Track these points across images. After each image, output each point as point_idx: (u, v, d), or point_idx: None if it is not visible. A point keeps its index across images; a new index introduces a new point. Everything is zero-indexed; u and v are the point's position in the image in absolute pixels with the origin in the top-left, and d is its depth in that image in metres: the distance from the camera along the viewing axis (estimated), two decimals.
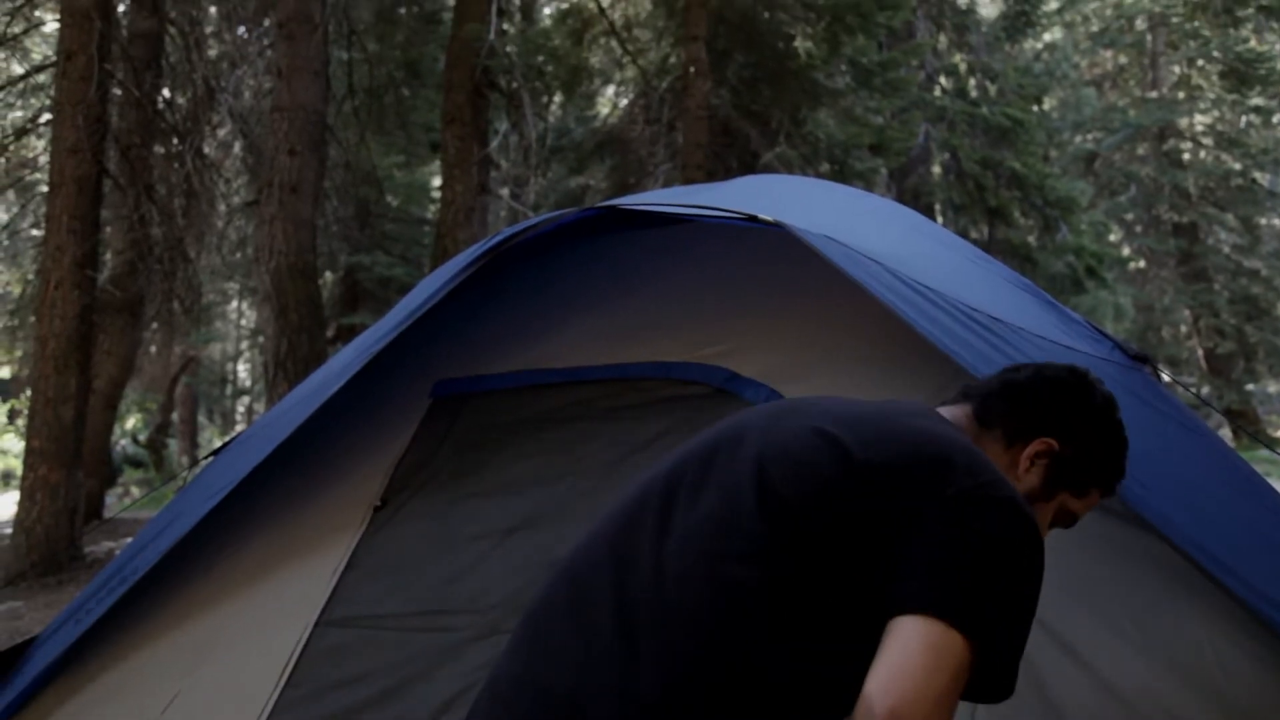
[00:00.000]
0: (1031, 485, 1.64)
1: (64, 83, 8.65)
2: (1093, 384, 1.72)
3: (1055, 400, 1.68)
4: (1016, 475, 1.63)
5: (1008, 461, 1.63)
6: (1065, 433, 1.65)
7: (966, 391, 1.76)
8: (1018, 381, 1.71)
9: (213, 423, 27.69)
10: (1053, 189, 14.88)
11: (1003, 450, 1.64)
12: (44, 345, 8.54)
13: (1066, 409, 1.67)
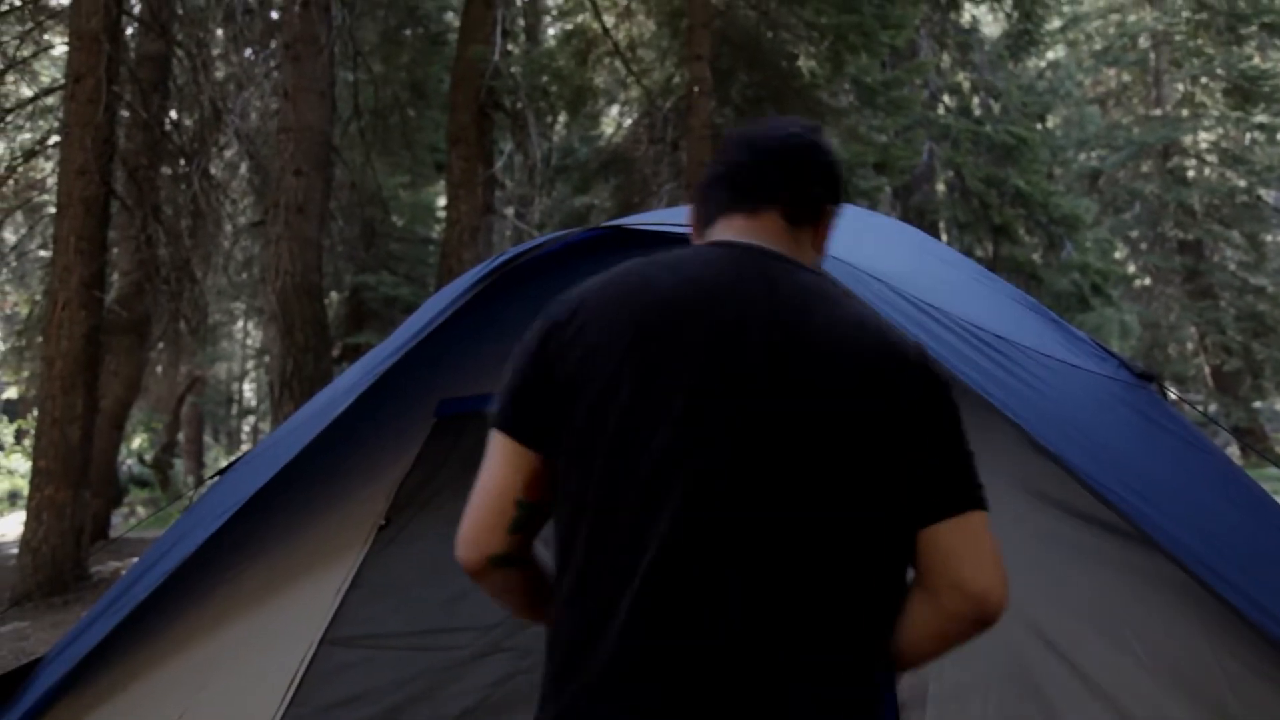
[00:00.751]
0: (820, 257, 1.61)
1: (72, 105, 8.71)
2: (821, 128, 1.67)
3: (834, 164, 1.60)
4: (819, 258, 1.60)
5: (816, 253, 1.59)
6: (838, 194, 1.61)
7: (748, 192, 1.55)
8: (802, 163, 1.57)
9: (218, 442, 27.72)
10: (1057, 207, 14.90)
11: (811, 242, 1.57)
12: (51, 365, 8.57)
13: (839, 169, 1.62)
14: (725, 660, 1.26)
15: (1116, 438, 2.11)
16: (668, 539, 1.28)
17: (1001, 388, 1.97)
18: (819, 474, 1.30)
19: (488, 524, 1.43)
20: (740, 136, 1.64)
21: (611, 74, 13.71)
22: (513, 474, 1.42)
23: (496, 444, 1.44)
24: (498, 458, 1.44)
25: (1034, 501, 2.47)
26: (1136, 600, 2.31)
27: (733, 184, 1.57)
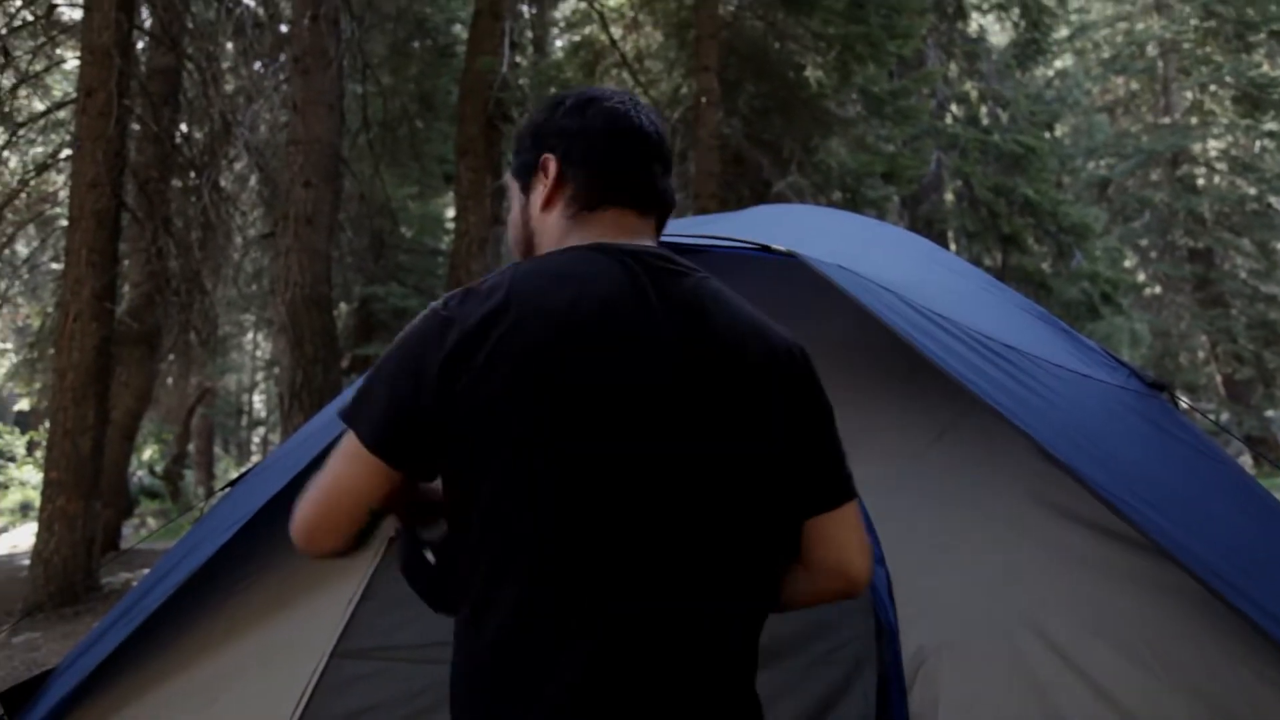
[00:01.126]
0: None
1: (84, 119, 8.76)
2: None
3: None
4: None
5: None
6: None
7: (644, 194, 1.51)
8: (668, 157, 1.57)
9: (228, 454, 27.78)
10: (1066, 215, 14.87)
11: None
12: (63, 377, 8.60)
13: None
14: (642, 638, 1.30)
15: (1128, 447, 2.10)
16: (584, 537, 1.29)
17: (1012, 398, 1.97)
18: (722, 476, 1.35)
19: (334, 526, 1.42)
20: (621, 124, 1.51)
21: (619, 85, 13.75)
22: (371, 487, 1.38)
23: (359, 454, 1.36)
24: (359, 467, 1.37)
25: (1045, 512, 2.46)
26: (1148, 610, 2.30)
27: (628, 181, 1.50)
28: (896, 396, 2.78)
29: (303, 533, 1.43)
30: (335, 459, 1.40)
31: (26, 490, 18.55)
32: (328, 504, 1.41)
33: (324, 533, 1.42)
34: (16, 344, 16.44)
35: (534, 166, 1.53)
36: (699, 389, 1.34)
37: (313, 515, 1.42)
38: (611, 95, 1.54)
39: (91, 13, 8.87)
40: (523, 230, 1.55)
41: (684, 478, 1.32)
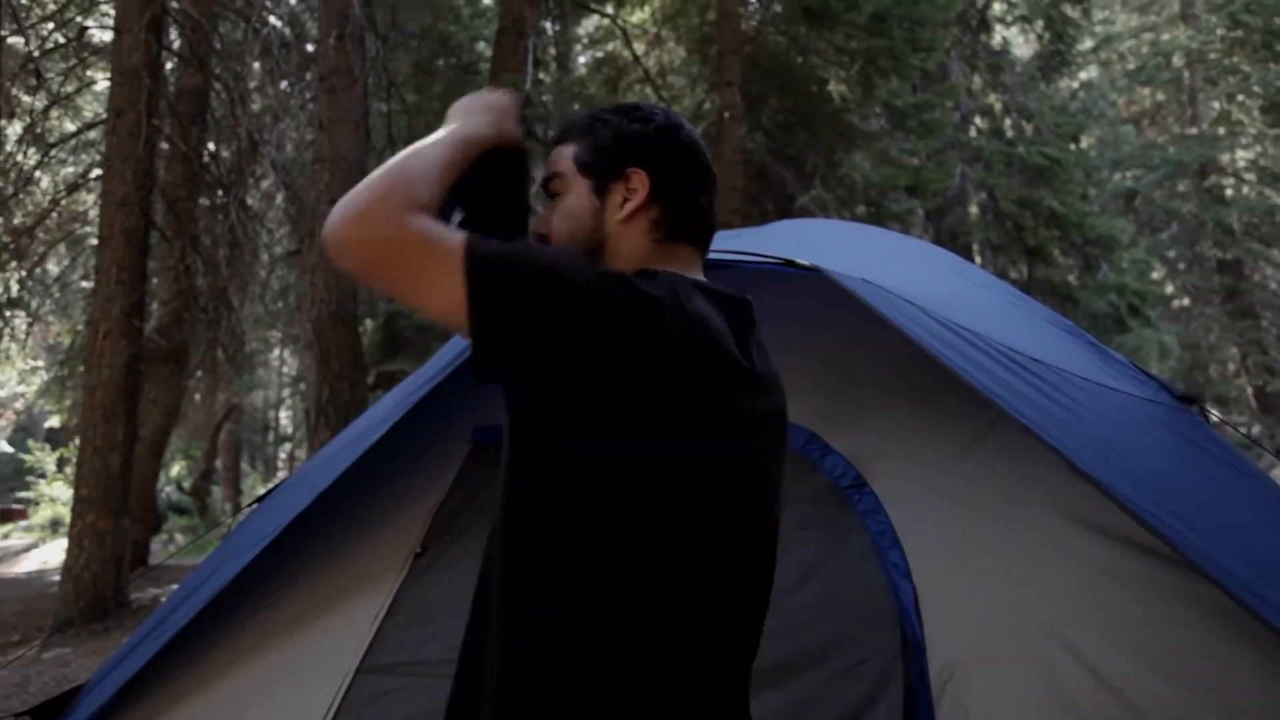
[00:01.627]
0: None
1: (114, 139, 8.86)
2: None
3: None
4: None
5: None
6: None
7: (686, 231, 1.53)
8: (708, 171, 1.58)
9: (255, 470, 27.96)
10: (1092, 227, 14.78)
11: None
12: (92, 394, 8.68)
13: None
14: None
15: (1157, 461, 2.09)
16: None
17: (1039, 411, 1.96)
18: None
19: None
20: (703, 161, 1.55)
21: (643, 100, 13.80)
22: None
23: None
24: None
25: (1074, 526, 2.45)
26: (1179, 625, 2.28)
27: (705, 221, 1.55)
28: (922, 410, 2.77)
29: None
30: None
31: (57, 506, 18.73)
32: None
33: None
34: (47, 361, 16.61)
35: (617, 174, 1.50)
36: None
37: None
38: (686, 123, 1.57)
39: (121, 35, 8.99)
40: (593, 232, 1.50)
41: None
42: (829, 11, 10.53)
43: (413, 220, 1.22)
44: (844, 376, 2.92)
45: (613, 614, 1.27)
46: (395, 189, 1.24)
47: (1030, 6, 16.67)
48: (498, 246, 1.25)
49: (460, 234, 1.25)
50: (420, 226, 1.22)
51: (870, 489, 2.80)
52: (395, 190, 1.24)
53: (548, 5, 12.70)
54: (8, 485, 23.43)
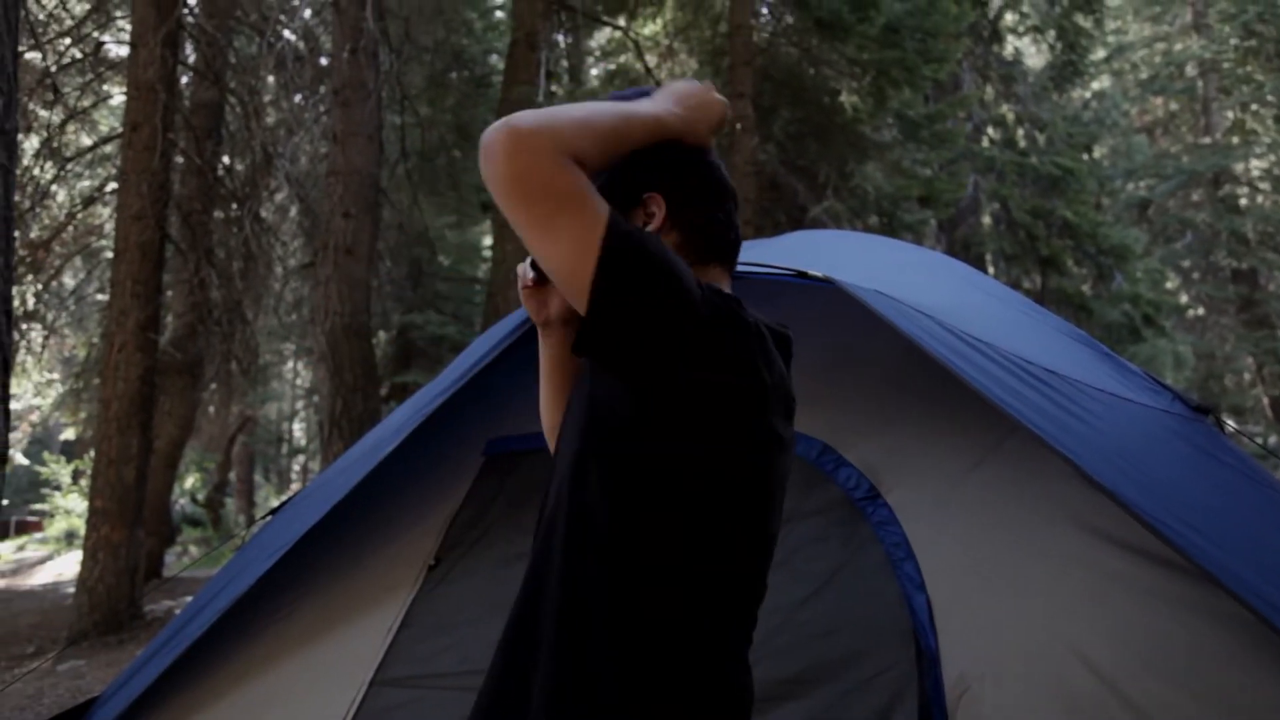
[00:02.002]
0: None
1: (129, 153, 8.93)
2: None
3: None
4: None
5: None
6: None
7: (711, 253, 1.54)
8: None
9: (269, 481, 28.04)
10: (1106, 237, 14.73)
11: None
12: (107, 407, 8.73)
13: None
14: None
15: (1172, 472, 2.07)
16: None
17: (1053, 423, 1.95)
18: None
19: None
20: (719, 175, 1.56)
21: None
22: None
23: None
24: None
25: (1089, 538, 2.43)
26: (1196, 637, 2.26)
27: (728, 240, 1.56)
28: (936, 422, 2.76)
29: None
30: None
31: (72, 519, 18.81)
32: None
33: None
34: (63, 374, 16.70)
35: (634, 200, 1.49)
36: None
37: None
38: (711, 156, 1.57)
39: (137, 49, 9.06)
40: None
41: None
42: (841, 23, 10.54)
43: (569, 167, 1.23)
44: (857, 388, 2.92)
45: (665, 616, 1.30)
46: (566, 130, 1.25)
47: (1042, 17, 16.66)
48: (634, 228, 1.27)
49: (605, 204, 1.26)
50: (575, 177, 1.23)
51: (884, 501, 2.79)
52: (565, 131, 1.25)
53: (560, 18, 12.75)
54: (23, 498, 23.55)
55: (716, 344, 1.28)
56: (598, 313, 1.22)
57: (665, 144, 1.49)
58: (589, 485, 1.33)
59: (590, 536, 1.31)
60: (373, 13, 10.22)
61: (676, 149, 1.50)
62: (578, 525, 1.33)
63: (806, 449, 2.92)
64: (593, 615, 1.29)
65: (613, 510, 1.30)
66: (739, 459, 1.33)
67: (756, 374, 1.33)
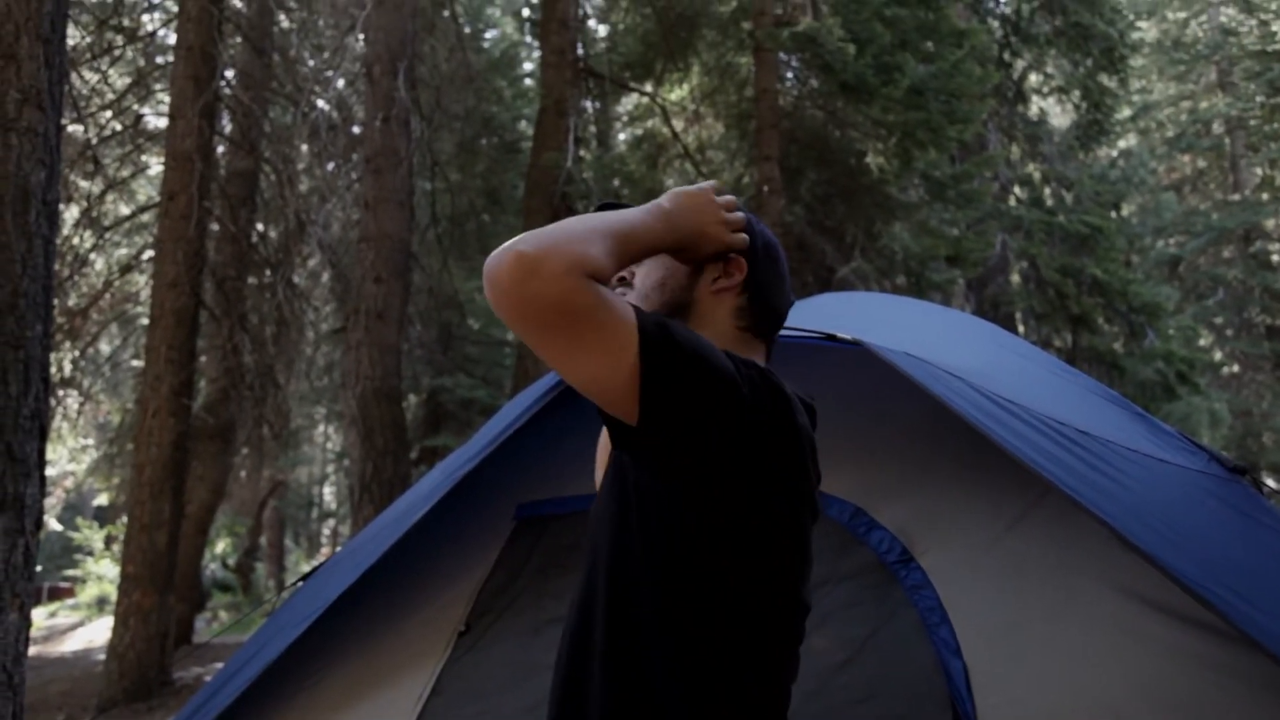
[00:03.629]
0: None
1: (166, 221, 9.10)
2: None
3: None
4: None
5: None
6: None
7: (768, 331, 1.61)
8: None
9: (299, 546, 28.04)
10: (1137, 295, 14.64)
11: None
12: (140, 472, 8.79)
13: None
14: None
15: (1210, 534, 2.04)
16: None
17: (1087, 484, 1.93)
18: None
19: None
20: (788, 276, 1.66)
21: (682, 175, 13.94)
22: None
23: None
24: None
25: (1127, 601, 2.40)
26: (1233, 700, 2.21)
27: (778, 328, 1.64)
28: (968, 484, 2.73)
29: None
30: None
31: (103, 584, 18.85)
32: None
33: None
34: (97, 440, 16.86)
35: (721, 256, 1.55)
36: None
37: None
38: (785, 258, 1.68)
39: (176, 121, 9.27)
40: (684, 290, 1.55)
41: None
42: (866, 86, 10.63)
43: (584, 282, 1.20)
44: (888, 450, 2.90)
45: (711, 681, 1.31)
46: (574, 246, 1.22)
47: (1066, 77, 16.73)
48: (659, 325, 1.25)
49: (628, 308, 1.25)
50: (592, 291, 1.20)
51: (917, 564, 2.76)
52: (574, 246, 1.22)
53: (588, 85, 12.94)
54: (56, 563, 23.65)
55: (758, 423, 1.29)
56: (648, 414, 1.22)
57: (764, 234, 1.61)
58: (631, 564, 1.36)
59: (633, 610, 1.34)
60: (405, 82, 10.42)
61: (770, 242, 1.62)
62: (620, 600, 1.36)
63: (839, 512, 2.90)
64: (639, 682, 1.31)
65: (656, 587, 1.32)
66: (779, 529, 1.35)
67: (796, 444, 1.35)
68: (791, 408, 1.36)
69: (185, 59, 9.41)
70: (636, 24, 13.70)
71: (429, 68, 13.14)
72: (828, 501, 2.94)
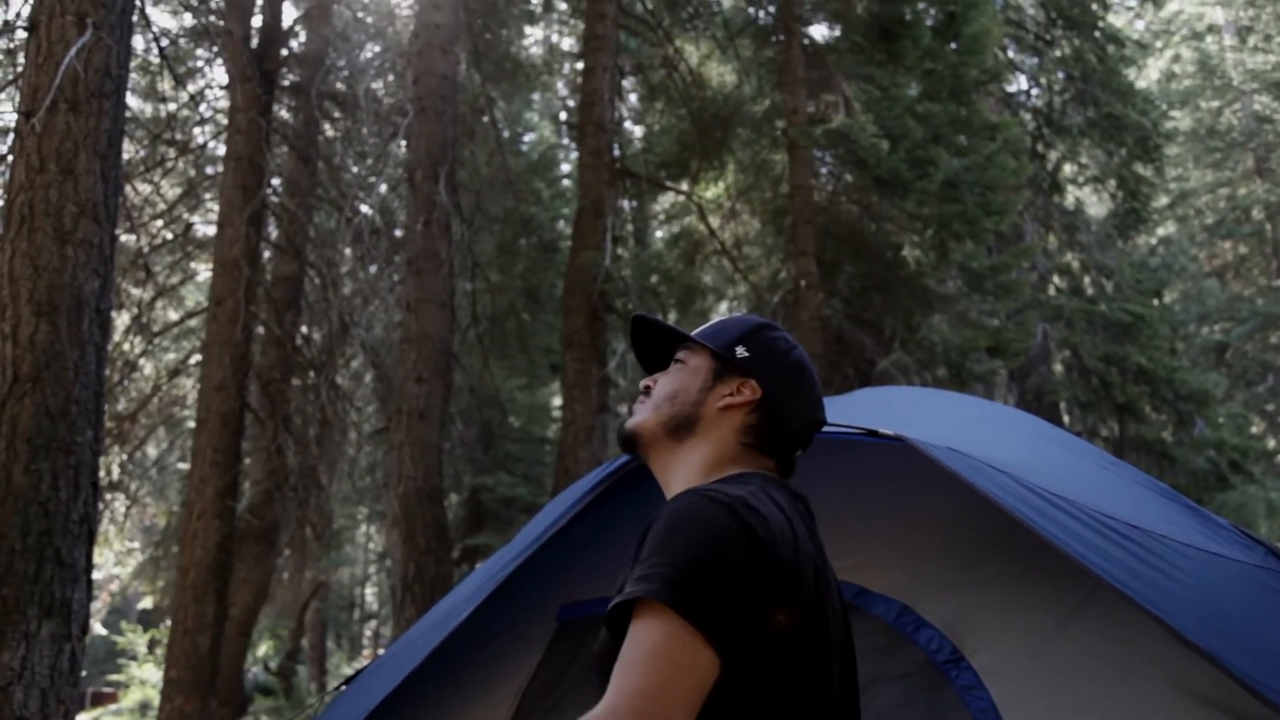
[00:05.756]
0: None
1: (213, 326, 9.30)
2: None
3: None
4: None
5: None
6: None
7: (777, 455, 1.65)
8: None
9: (341, 648, 27.83)
10: (1183, 382, 14.46)
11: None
12: (185, 575, 8.84)
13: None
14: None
15: (1269, 629, 1.98)
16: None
17: (1140, 580, 1.89)
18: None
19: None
20: (817, 415, 1.69)
21: (719, 272, 14.07)
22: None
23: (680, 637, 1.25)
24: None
25: (1185, 699, 2.33)
26: None
27: (793, 457, 1.67)
28: (1017, 581, 2.68)
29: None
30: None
31: (146, 689, 18.75)
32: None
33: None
34: (143, 543, 16.98)
35: (734, 369, 1.64)
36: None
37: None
38: (817, 380, 1.73)
39: (224, 228, 9.54)
40: (694, 405, 1.63)
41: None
42: (900, 180, 10.73)
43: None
44: (933, 547, 2.86)
45: None
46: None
47: (1101, 167, 16.79)
48: (674, 583, 1.27)
49: (664, 628, 1.25)
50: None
51: (968, 663, 2.70)
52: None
53: (625, 185, 13.16)
54: (100, 668, 23.59)
55: (771, 566, 1.33)
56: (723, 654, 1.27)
57: (792, 355, 1.68)
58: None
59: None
60: (446, 186, 10.66)
61: (797, 370, 1.68)
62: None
63: (885, 610, 2.85)
64: None
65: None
66: (809, 649, 1.39)
67: (805, 574, 1.40)
68: (794, 533, 1.41)
69: (234, 169, 9.72)
70: (671, 125, 13.98)
71: (469, 171, 13.45)
72: (873, 599, 2.89)
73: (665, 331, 1.78)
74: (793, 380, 1.66)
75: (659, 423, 1.64)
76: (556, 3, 15.61)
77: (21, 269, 4.00)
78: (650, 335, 1.80)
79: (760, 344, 1.68)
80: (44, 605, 3.76)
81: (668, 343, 1.77)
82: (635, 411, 1.72)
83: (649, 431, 1.65)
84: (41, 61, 4.23)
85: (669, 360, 1.74)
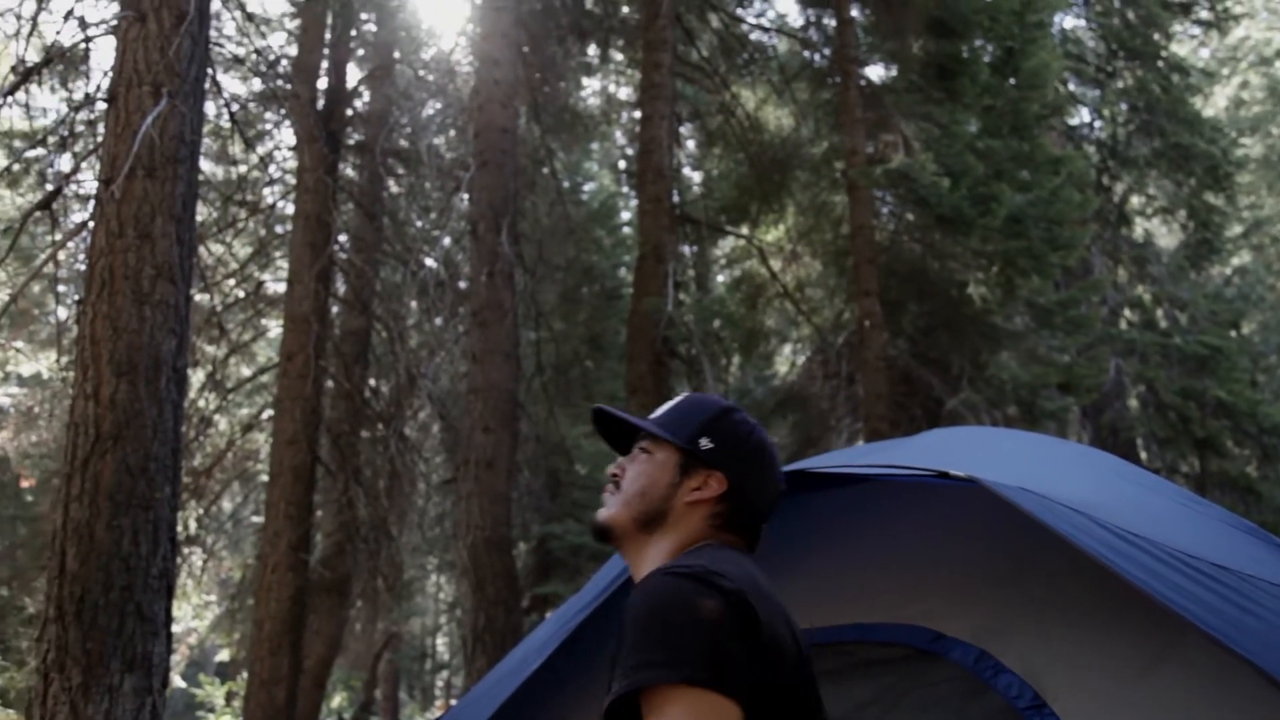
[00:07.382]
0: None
1: (285, 381, 9.48)
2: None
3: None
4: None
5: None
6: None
7: (743, 535, 1.75)
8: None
9: (413, 699, 27.87)
10: (1267, 416, 14.05)
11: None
12: (260, 627, 8.94)
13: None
14: None
15: None
16: None
17: (1228, 622, 1.83)
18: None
19: None
20: (781, 477, 1.80)
21: (782, 314, 14.02)
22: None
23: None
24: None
25: None
26: None
27: (759, 521, 1.77)
28: (1097, 624, 2.61)
29: None
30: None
31: None
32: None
33: None
34: (220, 596, 17.22)
35: (700, 462, 1.71)
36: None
37: None
38: (778, 456, 1.81)
39: (294, 285, 9.74)
40: (663, 500, 1.70)
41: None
42: (963, 217, 10.63)
43: None
44: (1010, 590, 2.79)
45: None
46: None
47: (1170, 198, 16.50)
48: (672, 661, 1.36)
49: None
50: None
51: (1050, 710, 2.63)
52: None
53: (685, 231, 13.21)
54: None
55: (744, 610, 1.43)
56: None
57: (752, 439, 1.76)
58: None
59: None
60: (508, 238, 10.80)
61: (758, 454, 1.75)
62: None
63: (963, 655, 2.79)
64: None
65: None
66: (798, 679, 1.52)
67: (785, 642, 1.50)
68: (750, 574, 1.54)
69: (303, 228, 9.95)
70: (730, 169, 14.02)
71: (531, 222, 13.61)
72: (949, 644, 2.83)
73: (627, 425, 1.83)
74: (756, 464, 1.74)
75: (630, 518, 1.70)
76: (613, 54, 15.80)
77: (102, 330, 4.12)
78: (613, 423, 1.86)
79: (722, 433, 1.74)
80: (126, 659, 3.83)
81: (631, 431, 1.82)
82: (606, 503, 1.77)
83: (621, 526, 1.72)
84: (120, 131, 4.38)
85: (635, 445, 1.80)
